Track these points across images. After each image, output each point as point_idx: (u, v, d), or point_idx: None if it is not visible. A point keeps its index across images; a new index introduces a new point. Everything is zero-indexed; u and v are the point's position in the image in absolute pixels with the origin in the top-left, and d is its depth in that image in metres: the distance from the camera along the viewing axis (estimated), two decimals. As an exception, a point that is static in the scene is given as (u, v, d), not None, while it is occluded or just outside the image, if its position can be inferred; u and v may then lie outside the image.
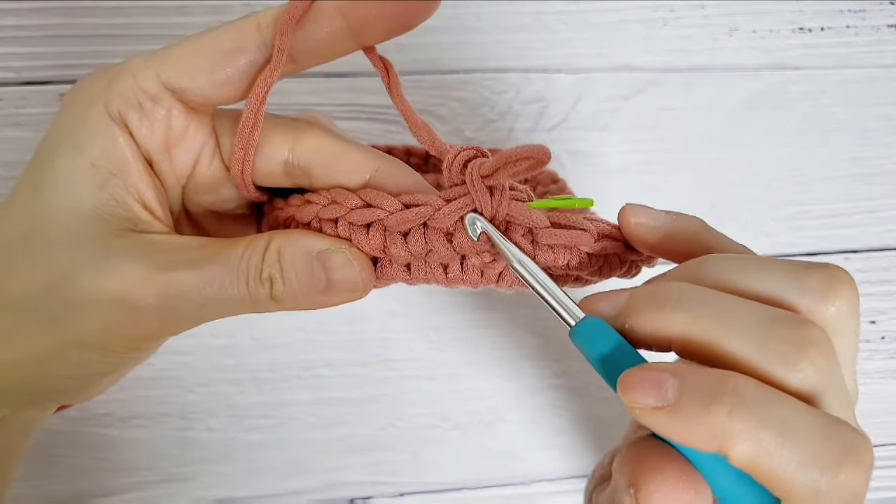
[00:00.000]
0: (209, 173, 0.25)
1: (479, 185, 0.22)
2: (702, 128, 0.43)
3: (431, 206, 0.23)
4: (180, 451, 0.38)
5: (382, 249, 0.23)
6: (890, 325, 0.43)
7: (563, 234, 0.23)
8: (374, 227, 0.23)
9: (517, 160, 0.21)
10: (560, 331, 0.41)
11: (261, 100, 0.22)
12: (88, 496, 0.37)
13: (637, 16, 0.42)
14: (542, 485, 0.41)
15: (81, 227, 0.22)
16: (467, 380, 0.40)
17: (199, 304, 0.22)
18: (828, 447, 0.19)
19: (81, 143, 0.22)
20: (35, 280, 0.22)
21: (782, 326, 0.20)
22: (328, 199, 0.24)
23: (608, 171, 0.42)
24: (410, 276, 0.24)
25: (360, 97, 0.40)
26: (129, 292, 0.22)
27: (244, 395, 0.39)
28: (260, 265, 0.23)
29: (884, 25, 0.44)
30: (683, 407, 0.19)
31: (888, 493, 0.42)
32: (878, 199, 0.44)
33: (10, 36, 0.37)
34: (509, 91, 0.41)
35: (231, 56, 0.22)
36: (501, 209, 0.23)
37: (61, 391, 0.24)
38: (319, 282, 0.23)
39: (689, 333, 0.21)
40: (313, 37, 0.22)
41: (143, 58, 0.23)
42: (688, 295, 0.21)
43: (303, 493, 0.39)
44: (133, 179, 0.23)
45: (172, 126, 0.23)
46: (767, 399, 0.19)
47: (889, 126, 0.44)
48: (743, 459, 0.19)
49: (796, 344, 0.20)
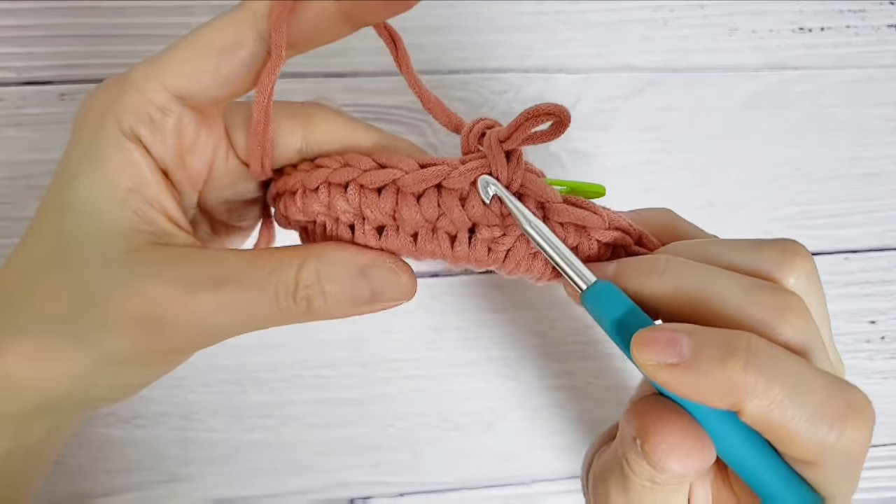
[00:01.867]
0: (226, 171, 0.25)
1: (497, 150, 0.22)
2: (702, 128, 0.43)
3: (448, 166, 0.23)
4: (181, 451, 0.38)
5: (392, 214, 0.23)
6: (890, 325, 0.43)
7: (575, 213, 0.23)
8: (387, 189, 0.23)
9: (536, 116, 0.21)
10: (560, 331, 0.41)
11: (267, 96, 0.22)
12: (88, 496, 0.37)
13: (637, 16, 0.42)
14: (542, 485, 0.41)
15: (107, 246, 0.22)
16: (467, 380, 0.40)
17: (225, 324, 0.22)
18: (834, 403, 0.19)
19: (98, 161, 0.22)
20: (65, 301, 0.22)
21: (763, 291, 0.21)
22: (340, 163, 0.24)
23: (608, 171, 0.42)
24: (416, 248, 0.24)
25: (360, 97, 0.40)
26: (155, 312, 0.22)
27: (245, 395, 0.39)
28: (293, 285, 0.22)
29: (884, 25, 0.44)
30: (699, 362, 0.19)
31: (888, 493, 0.42)
32: (878, 199, 0.44)
33: (10, 36, 0.37)
34: (509, 91, 0.41)
35: (231, 52, 0.22)
36: (517, 176, 0.22)
37: (105, 399, 0.25)
38: (363, 295, 0.23)
39: (675, 296, 0.21)
40: (308, 23, 0.22)
41: (145, 67, 0.23)
42: (674, 263, 0.22)
43: (303, 493, 0.39)
44: (153, 192, 0.23)
45: (184, 134, 0.23)
46: (778, 355, 0.20)
47: (889, 126, 0.44)
48: (756, 413, 0.19)
49: (777, 307, 0.21)
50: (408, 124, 0.40)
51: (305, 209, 0.24)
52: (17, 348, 0.22)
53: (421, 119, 0.40)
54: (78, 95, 0.38)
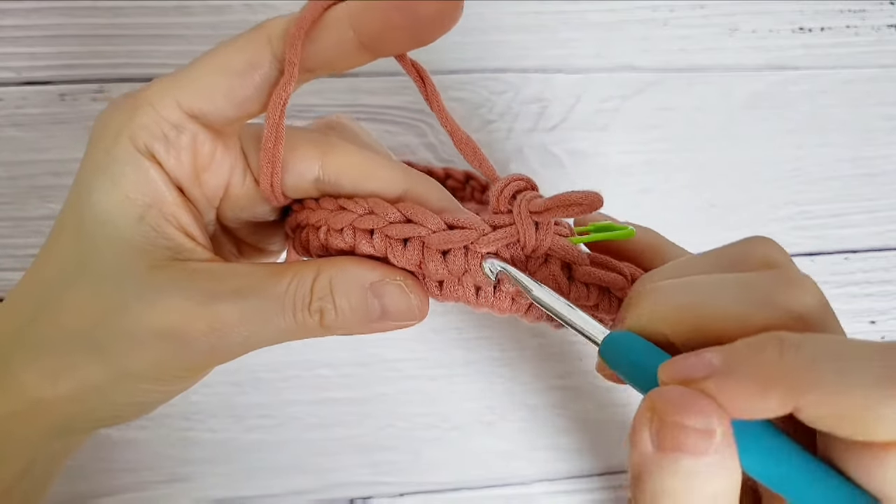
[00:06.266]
0: (243, 191, 0.25)
1: (527, 220, 0.22)
2: (702, 128, 0.43)
3: (476, 231, 0.23)
4: (181, 451, 0.38)
5: (418, 265, 0.23)
6: (890, 325, 0.43)
7: (600, 275, 0.23)
8: (413, 242, 0.23)
9: (570, 205, 0.21)
10: (561, 332, 0.41)
11: (279, 113, 0.22)
12: (88, 496, 0.37)
13: (637, 16, 0.42)
14: (542, 485, 0.41)
15: (125, 262, 0.22)
16: (467, 380, 0.40)
17: (245, 337, 0.22)
18: (888, 374, 0.17)
19: (114, 178, 0.22)
20: (86, 316, 0.22)
21: (761, 277, 0.20)
22: (365, 209, 0.23)
23: (608, 171, 0.42)
24: (441, 294, 0.24)
25: (360, 97, 0.40)
26: (176, 326, 0.22)
27: (245, 395, 0.39)
28: (308, 297, 0.22)
29: (884, 25, 0.44)
30: (733, 362, 0.18)
31: (888, 493, 0.42)
32: (878, 199, 0.44)
33: (10, 36, 0.37)
34: (509, 91, 0.41)
35: (246, 74, 0.22)
36: (545, 243, 0.23)
37: (120, 416, 0.25)
38: (374, 311, 0.23)
39: (682, 315, 0.20)
40: (325, 49, 0.22)
41: (160, 85, 0.23)
42: (666, 287, 0.21)
43: (303, 493, 0.39)
44: (169, 208, 0.23)
45: (199, 152, 0.23)
46: (809, 336, 0.18)
47: (889, 126, 0.44)
48: (813, 400, 0.17)
49: (781, 283, 0.19)
50: (407, 124, 0.40)
51: (328, 246, 0.24)
52: (36, 365, 0.22)
53: (419, 119, 0.40)
54: (78, 95, 0.38)
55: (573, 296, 0.23)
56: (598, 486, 0.41)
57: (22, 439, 0.24)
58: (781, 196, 0.43)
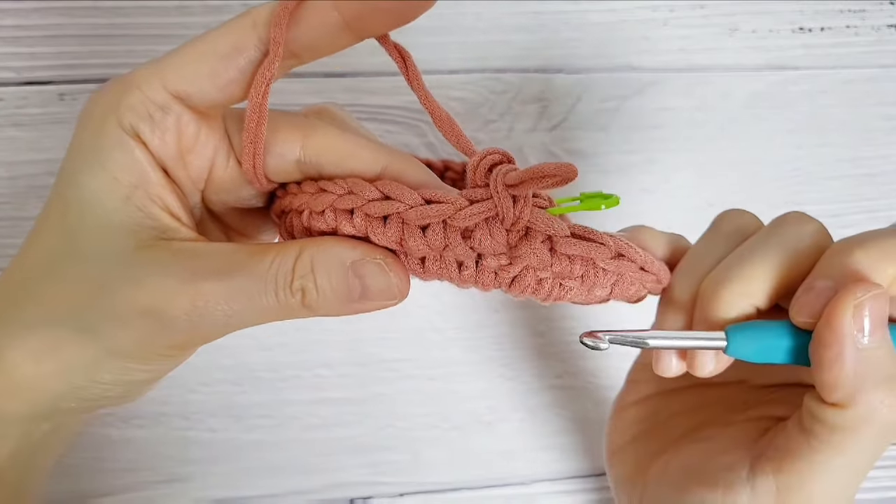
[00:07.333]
0: (227, 174, 0.25)
1: (503, 193, 0.22)
2: (702, 128, 0.43)
3: (453, 205, 0.23)
4: (180, 451, 0.38)
5: (399, 242, 0.23)
6: (890, 325, 0.43)
7: (581, 246, 0.23)
8: (392, 219, 0.23)
9: (543, 177, 0.21)
10: (561, 331, 0.41)
11: (262, 93, 0.22)
12: (88, 496, 0.37)
13: (637, 16, 0.42)
14: (542, 485, 0.41)
15: (112, 242, 0.23)
16: (467, 380, 0.40)
17: (227, 315, 0.23)
18: None
19: (101, 158, 0.23)
20: (72, 295, 0.23)
21: (775, 231, 0.27)
22: (344, 189, 0.24)
23: (608, 171, 0.42)
24: (424, 271, 0.24)
25: (359, 97, 0.40)
26: (160, 304, 0.22)
27: (244, 394, 0.39)
28: (290, 275, 0.23)
29: (884, 25, 0.44)
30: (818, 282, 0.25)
31: (888, 493, 0.42)
32: (877, 199, 0.44)
33: (10, 36, 0.37)
34: (509, 91, 0.41)
35: (230, 57, 0.22)
36: (523, 216, 0.23)
37: (107, 397, 0.25)
38: (354, 290, 0.23)
39: (765, 285, 0.26)
40: (309, 31, 0.22)
41: (147, 68, 0.23)
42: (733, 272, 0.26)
43: (303, 493, 0.39)
44: (155, 189, 0.23)
45: (184, 133, 0.23)
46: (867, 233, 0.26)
47: (889, 126, 0.44)
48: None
49: (786, 225, 0.27)
50: (407, 124, 0.40)
51: (311, 229, 0.24)
52: (23, 344, 0.23)
53: (419, 119, 0.40)
54: (78, 95, 0.38)
55: (556, 268, 0.23)
56: (598, 486, 0.41)
57: (7, 417, 0.24)
58: (781, 196, 0.43)
